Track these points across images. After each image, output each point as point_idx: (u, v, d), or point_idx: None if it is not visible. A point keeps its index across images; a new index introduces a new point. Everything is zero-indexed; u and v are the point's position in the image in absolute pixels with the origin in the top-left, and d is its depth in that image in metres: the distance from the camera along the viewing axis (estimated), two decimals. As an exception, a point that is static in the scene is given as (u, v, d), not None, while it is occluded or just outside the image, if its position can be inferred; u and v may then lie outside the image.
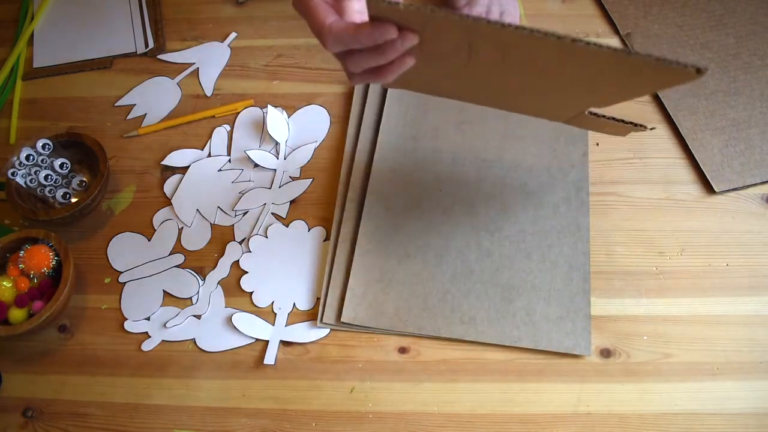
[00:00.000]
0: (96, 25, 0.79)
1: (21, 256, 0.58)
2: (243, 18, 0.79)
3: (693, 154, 0.66)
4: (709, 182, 0.64)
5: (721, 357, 0.57)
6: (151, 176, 0.68)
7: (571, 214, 0.63)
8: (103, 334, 0.60)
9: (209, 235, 0.64)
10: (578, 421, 0.55)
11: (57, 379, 0.58)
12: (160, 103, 0.73)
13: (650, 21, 0.75)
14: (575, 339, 0.57)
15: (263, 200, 0.66)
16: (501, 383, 0.56)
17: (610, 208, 0.64)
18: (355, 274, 0.60)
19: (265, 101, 0.72)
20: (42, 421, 0.56)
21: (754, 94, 0.69)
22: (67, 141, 0.66)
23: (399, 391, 0.56)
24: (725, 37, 0.73)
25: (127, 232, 0.65)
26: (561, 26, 0.76)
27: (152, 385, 0.58)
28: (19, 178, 0.62)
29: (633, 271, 0.61)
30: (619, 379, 0.56)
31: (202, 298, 0.61)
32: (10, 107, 0.73)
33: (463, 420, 0.55)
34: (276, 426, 0.55)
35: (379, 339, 0.59)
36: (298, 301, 0.61)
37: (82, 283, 0.62)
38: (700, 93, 0.70)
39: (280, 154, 0.69)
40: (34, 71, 0.76)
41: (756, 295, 0.60)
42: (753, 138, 0.66)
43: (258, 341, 0.59)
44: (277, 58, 0.76)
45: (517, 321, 0.58)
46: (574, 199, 0.63)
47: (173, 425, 0.56)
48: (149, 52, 0.77)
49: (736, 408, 0.55)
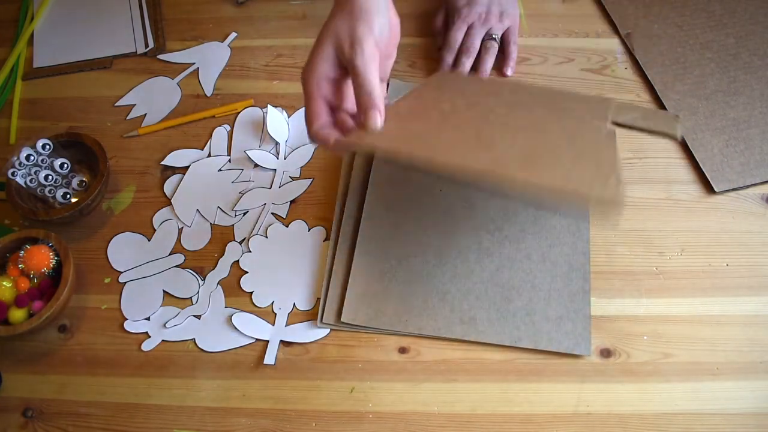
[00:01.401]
0: (96, 25, 0.79)
1: (21, 256, 0.58)
2: (243, 18, 0.79)
3: (693, 154, 0.66)
4: (709, 182, 0.64)
5: (721, 357, 0.57)
6: (151, 176, 0.68)
7: (571, 214, 0.63)
8: (103, 334, 0.60)
9: (209, 235, 0.64)
10: (578, 421, 0.55)
11: (57, 379, 0.58)
12: (160, 103, 0.73)
13: (650, 21, 0.75)
14: (575, 339, 0.57)
15: (263, 200, 0.66)
16: (501, 383, 0.56)
17: (610, 208, 0.64)
18: (355, 274, 0.60)
19: (265, 101, 0.72)
20: (42, 421, 0.56)
21: (754, 94, 0.69)
22: (67, 141, 0.66)
23: (399, 391, 0.56)
24: (725, 36, 0.73)
25: (127, 232, 0.65)
26: (561, 26, 0.77)
27: (152, 385, 0.58)
28: (19, 178, 0.62)
29: (633, 271, 0.61)
30: (619, 379, 0.56)
31: (202, 298, 0.61)
32: (10, 107, 0.73)
33: (463, 420, 0.55)
34: (276, 426, 0.55)
35: (379, 339, 0.59)
36: (298, 301, 0.61)
37: (82, 283, 0.62)
38: (700, 93, 0.70)
39: (280, 154, 0.69)
40: (34, 71, 0.76)
41: (756, 295, 0.59)
42: (753, 138, 0.66)
43: (258, 341, 0.59)
44: (277, 58, 0.76)
45: (517, 321, 0.58)
46: (574, 199, 0.63)
47: (173, 425, 0.56)
48: (149, 52, 0.77)
49: (736, 408, 0.55)
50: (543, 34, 0.76)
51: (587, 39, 0.75)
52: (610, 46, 0.75)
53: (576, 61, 0.74)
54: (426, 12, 0.78)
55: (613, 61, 0.73)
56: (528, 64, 0.74)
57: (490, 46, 0.72)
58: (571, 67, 0.73)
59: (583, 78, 0.72)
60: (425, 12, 0.78)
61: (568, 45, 0.75)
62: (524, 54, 0.74)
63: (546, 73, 0.73)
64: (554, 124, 0.51)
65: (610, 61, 0.73)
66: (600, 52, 0.74)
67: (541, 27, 0.77)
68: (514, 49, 0.73)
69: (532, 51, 0.75)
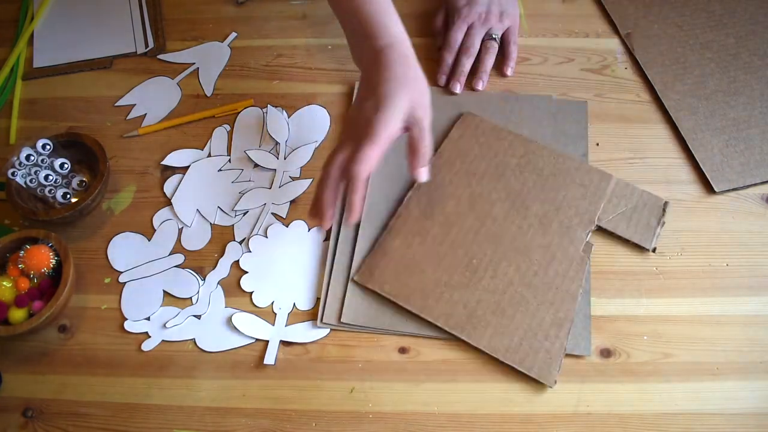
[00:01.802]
0: (96, 25, 0.79)
1: (21, 256, 0.58)
2: (243, 18, 0.79)
3: (693, 154, 0.66)
4: (709, 182, 0.64)
5: (721, 357, 0.57)
6: (151, 176, 0.68)
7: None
8: (103, 334, 0.60)
9: (209, 235, 0.64)
10: (578, 421, 0.55)
11: (57, 379, 0.58)
12: (160, 103, 0.73)
13: (650, 21, 0.75)
14: (575, 339, 0.57)
15: (263, 200, 0.66)
16: (501, 383, 0.56)
17: (610, 208, 0.64)
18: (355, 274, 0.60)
19: (265, 101, 0.72)
20: (42, 421, 0.56)
21: (754, 94, 0.69)
22: (67, 141, 0.66)
23: (399, 391, 0.56)
24: (725, 36, 0.73)
25: (127, 232, 0.65)
26: (561, 26, 0.77)
27: (152, 385, 0.58)
28: (19, 178, 0.62)
29: (633, 271, 0.61)
30: (619, 379, 0.56)
31: (202, 298, 0.61)
32: (10, 107, 0.73)
33: (463, 420, 0.55)
34: (276, 426, 0.55)
35: (379, 339, 0.59)
36: (298, 301, 0.61)
37: (82, 283, 0.62)
38: (700, 93, 0.70)
39: (280, 154, 0.69)
40: (34, 71, 0.76)
41: (756, 295, 0.59)
42: (753, 138, 0.66)
43: (258, 341, 0.59)
44: (277, 58, 0.76)
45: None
46: (574, 200, 0.64)
47: (173, 425, 0.56)
48: (149, 52, 0.77)
49: (736, 408, 0.55)
50: (543, 34, 0.76)
51: (587, 39, 0.75)
52: (610, 46, 0.75)
53: (576, 61, 0.74)
54: (426, 12, 0.78)
55: (613, 61, 0.73)
56: (528, 64, 0.74)
57: (490, 46, 0.72)
58: (571, 67, 0.73)
59: (583, 78, 0.72)
60: (425, 12, 0.78)
61: (568, 45, 0.75)
62: (524, 54, 0.74)
63: (546, 73, 0.73)
64: (538, 240, 0.61)
65: (610, 61, 0.73)
66: (600, 52, 0.74)
67: (541, 27, 0.77)
68: (514, 49, 0.73)
69: (532, 51, 0.75)
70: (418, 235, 0.61)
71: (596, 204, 0.62)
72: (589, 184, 0.63)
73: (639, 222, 0.61)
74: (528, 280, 0.59)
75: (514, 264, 0.59)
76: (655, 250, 0.61)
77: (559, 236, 0.61)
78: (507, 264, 0.59)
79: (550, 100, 0.70)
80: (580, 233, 0.60)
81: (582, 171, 0.64)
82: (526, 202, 0.62)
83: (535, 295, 0.58)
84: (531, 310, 0.57)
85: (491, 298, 0.58)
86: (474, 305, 0.58)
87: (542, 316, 0.57)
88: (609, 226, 0.61)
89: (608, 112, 0.70)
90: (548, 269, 0.59)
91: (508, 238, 0.60)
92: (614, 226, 0.61)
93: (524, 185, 0.63)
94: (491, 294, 0.58)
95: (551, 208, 0.62)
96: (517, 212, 0.61)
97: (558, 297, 0.58)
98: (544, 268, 0.59)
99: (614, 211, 0.61)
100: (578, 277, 0.59)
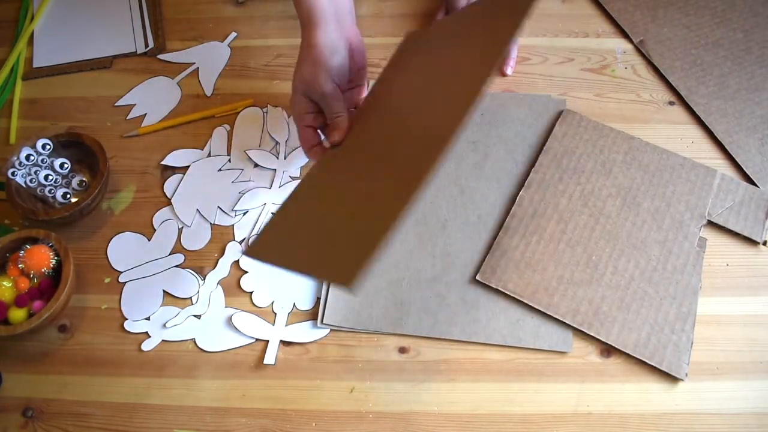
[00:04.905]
0: (96, 25, 0.79)
1: (21, 256, 0.58)
2: (243, 18, 0.79)
3: (732, 156, 0.66)
4: (754, 182, 0.64)
5: (721, 357, 0.57)
6: (151, 176, 0.68)
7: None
8: (103, 334, 0.60)
9: (209, 235, 0.64)
10: (578, 421, 0.55)
11: (57, 379, 0.58)
12: (160, 103, 0.73)
13: (659, 25, 0.75)
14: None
15: (263, 200, 0.66)
16: (501, 383, 0.56)
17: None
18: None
19: (265, 101, 0.72)
20: (42, 421, 0.56)
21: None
22: (67, 141, 0.66)
23: (399, 391, 0.56)
24: (733, 32, 0.73)
25: (127, 232, 0.65)
26: (561, 26, 0.77)
27: (152, 385, 0.58)
28: (19, 178, 0.62)
29: (633, 271, 0.61)
30: (619, 379, 0.56)
31: (202, 298, 0.61)
32: (10, 107, 0.73)
33: (463, 420, 0.55)
34: (276, 426, 0.55)
35: (379, 339, 0.59)
36: (298, 301, 0.61)
37: (82, 283, 0.62)
38: (724, 94, 0.70)
39: (280, 154, 0.69)
40: (34, 71, 0.76)
41: (756, 295, 0.60)
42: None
43: (258, 341, 0.59)
44: (277, 58, 0.76)
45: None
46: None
47: (173, 425, 0.56)
48: (149, 52, 0.77)
49: (736, 408, 0.55)
50: (543, 34, 0.76)
51: (587, 39, 0.75)
52: (610, 46, 0.75)
53: (576, 61, 0.74)
54: (426, 12, 0.78)
55: (613, 61, 0.73)
56: (528, 64, 0.74)
57: (490, 46, 0.72)
58: (571, 67, 0.73)
59: (583, 78, 0.72)
60: (425, 12, 0.78)
61: (568, 45, 0.75)
62: (524, 54, 0.74)
63: (546, 73, 0.73)
64: (654, 235, 0.61)
65: (610, 61, 0.73)
66: (600, 52, 0.74)
67: (541, 27, 0.77)
68: (514, 49, 0.73)
69: (532, 51, 0.75)
70: (535, 233, 0.61)
71: (705, 199, 0.63)
72: (696, 179, 0.64)
73: (747, 216, 0.62)
74: (648, 275, 0.59)
75: (633, 260, 0.60)
76: (766, 243, 0.61)
77: (674, 231, 0.61)
78: (626, 260, 0.60)
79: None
80: (693, 228, 0.61)
81: (687, 166, 0.64)
82: (637, 198, 0.63)
83: (657, 290, 0.58)
84: (655, 305, 0.58)
85: (614, 294, 0.58)
86: (599, 301, 0.58)
87: (666, 311, 0.57)
88: (719, 221, 0.62)
89: (608, 112, 0.70)
90: (666, 264, 0.60)
91: (624, 234, 0.61)
92: (724, 220, 0.62)
93: (633, 181, 0.64)
94: (614, 290, 0.58)
95: (662, 204, 0.62)
96: (629, 208, 0.62)
97: (679, 291, 0.58)
98: (663, 263, 0.60)
99: (722, 206, 0.61)
100: (696, 272, 0.59)
